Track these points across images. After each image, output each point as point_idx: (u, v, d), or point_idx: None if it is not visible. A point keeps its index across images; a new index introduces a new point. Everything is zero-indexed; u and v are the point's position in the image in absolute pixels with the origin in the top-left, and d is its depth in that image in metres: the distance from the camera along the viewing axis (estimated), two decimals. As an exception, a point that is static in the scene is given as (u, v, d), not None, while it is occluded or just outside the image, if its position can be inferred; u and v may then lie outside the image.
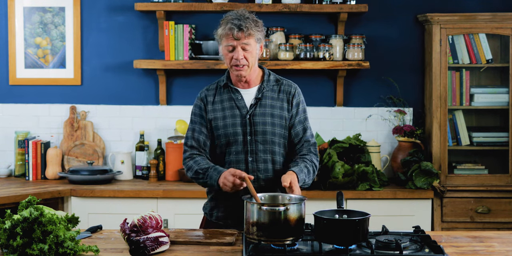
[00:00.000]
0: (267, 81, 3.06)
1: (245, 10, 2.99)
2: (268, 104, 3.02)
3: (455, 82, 4.57)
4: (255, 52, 2.96)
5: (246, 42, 2.92)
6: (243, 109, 3.01)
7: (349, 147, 4.53)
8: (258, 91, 3.03)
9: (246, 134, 2.99)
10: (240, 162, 2.99)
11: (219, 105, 3.04)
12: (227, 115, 3.02)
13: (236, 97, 3.03)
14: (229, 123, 3.00)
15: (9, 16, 4.77)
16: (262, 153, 2.99)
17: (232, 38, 2.92)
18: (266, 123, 2.99)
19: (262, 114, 3.00)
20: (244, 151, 2.99)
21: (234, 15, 2.96)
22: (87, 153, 4.78)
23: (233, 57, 2.94)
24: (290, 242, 2.53)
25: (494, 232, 2.94)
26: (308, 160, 3.00)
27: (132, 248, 2.51)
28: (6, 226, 2.44)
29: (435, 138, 4.51)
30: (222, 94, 3.06)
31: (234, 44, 2.92)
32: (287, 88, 3.08)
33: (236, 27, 2.90)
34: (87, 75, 4.84)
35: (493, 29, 4.50)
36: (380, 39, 4.82)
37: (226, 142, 3.00)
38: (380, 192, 4.31)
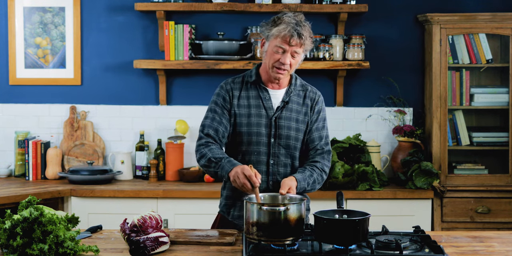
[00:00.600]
0: (294, 85, 3.03)
1: (302, 15, 2.92)
2: (294, 109, 2.99)
3: (455, 82, 4.57)
4: (299, 61, 2.93)
5: (297, 51, 2.88)
6: (270, 110, 2.97)
7: (349, 147, 4.53)
8: (286, 94, 3.00)
9: (270, 136, 2.96)
10: (261, 163, 2.96)
11: (245, 101, 2.99)
12: (253, 113, 2.97)
13: (264, 96, 2.99)
14: (254, 122, 2.96)
15: (9, 16, 4.77)
16: (283, 157, 2.98)
17: (287, 43, 2.86)
18: (291, 128, 2.97)
19: (288, 118, 2.97)
20: (267, 153, 2.96)
21: (292, 17, 2.88)
22: (87, 153, 4.78)
23: (279, 60, 2.88)
24: (290, 242, 2.53)
25: (494, 232, 2.94)
26: (318, 168, 2.98)
27: (132, 248, 2.51)
28: (6, 226, 2.44)
29: (435, 138, 4.51)
30: (249, 90, 3.00)
31: (286, 49, 2.87)
32: (312, 95, 3.04)
33: (297, 34, 2.84)
34: (87, 75, 4.84)
35: (493, 29, 4.50)
36: (380, 39, 4.82)
37: (248, 141, 2.96)
38: (380, 192, 4.31)
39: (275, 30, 2.87)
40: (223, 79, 4.76)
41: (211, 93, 4.82)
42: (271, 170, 2.96)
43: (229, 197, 3.04)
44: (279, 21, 2.88)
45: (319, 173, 2.97)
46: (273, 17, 2.94)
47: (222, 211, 3.08)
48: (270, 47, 2.91)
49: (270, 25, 2.91)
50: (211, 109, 3.00)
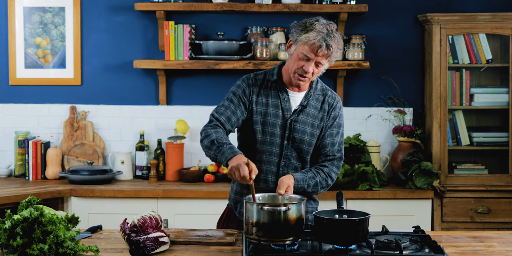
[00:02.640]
0: (315, 89, 2.99)
1: (334, 25, 2.85)
2: (311, 113, 2.96)
3: (455, 82, 4.57)
4: (322, 70, 2.90)
5: (322, 62, 2.83)
6: (287, 112, 2.95)
7: (349, 147, 4.53)
8: (305, 98, 2.96)
9: (284, 138, 2.94)
10: (272, 163, 2.95)
11: (263, 99, 2.95)
12: (270, 113, 2.94)
13: (283, 97, 2.95)
14: (270, 121, 2.93)
15: (9, 16, 4.77)
16: (295, 160, 2.96)
17: (313, 52, 2.80)
18: (306, 133, 2.94)
19: (304, 122, 2.95)
20: (279, 154, 2.94)
21: (324, 26, 2.80)
22: (87, 153, 4.78)
23: (303, 67, 2.83)
24: (290, 242, 2.53)
25: (494, 232, 2.94)
26: (324, 172, 2.95)
27: (132, 248, 2.51)
28: (6, 226, 2.44)
29: (435, 138, 4.51)
30: (269, 89, 2.96)
31: (311, 57, 2.82)
32: (331, 100, 3.00)
33: (325, 46, 2.78)
34: (87, 75, 4.84)
35: (493, 29, 4.50)
36: (380, 39, 4.82)
37: (261, 140, 2.94)
38: (380, 192, 4.31)
39: (304, 37, 2.80)
40: (223, 79, 4.81)
41: (211, 93, 4.85)
42: (281, 171, 2.95)
43: (237, 192, 3.03)
44: (310, 27, 2.80)
45: (323, 177, 2.93)
46: (305, 21, 2.85)
47: (230, 204, 3.07)
48: (296, 51, 2.85)
49: (301, 30, 2.83)
50: (228, 98, 2.94)
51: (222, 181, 4.57)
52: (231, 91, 2.96)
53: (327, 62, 2.86)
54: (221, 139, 2.79)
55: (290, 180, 2.81)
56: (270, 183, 2.95)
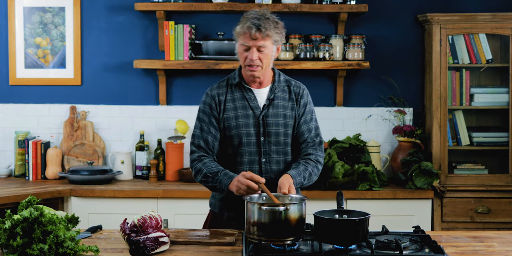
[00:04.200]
0: (278, 82, 3.03)
1: (267, 10, 2.95)
2: (280, 105, 3.00)
3: (455, 82, 4.57)
4: (271, 54, 2.92)
5: (262, 44, 2.88)
6: (256, 109, 2.99)
7: (349, 147, 4.53)
8: (270, 91, 3.01)
9: (260, 135, 2.97)
10: (253, 163, 2.97)
11: (231, 104, 3.00)
12: (240, 115, 2.98)
13: (249, 96, 3.00)
14: (242, 123, 2.97)
15: (9, 16, 4.77)
16: (275, 154, 2.98)
17: (249, 38, 2.89)
18: (279, 124, 2.98)
19: (275, 115, 2.98)
20: (258, 152, 2.97)
21: (255, 14, 2.91)
22: (87, 153, 4.78)
23: (247, 57, 2.90)
24: (291, 242, 2.53)
25: (494, 232, 2.94)
26: (312, 160, 2.99)
27: (132, 248, 2.51)
28: (6, 226, 2.44)
29: (435, 138, 4.51)
30: (234, 92, 3.02)
31: (250, 44, 2.89)
32: (296, 89, 3.05)
33: (255, 27, 2.86)
34: (87, 75, 4.84)
35: (493, 29, 4.50)
36: (380, 39, 4.82)
37: (238, 143, 2.97)
38: (380, 192, 4.31)
39: (237, 29, 2.93)
40: (223, 79, 4.80)
41: (211, 93, 4.84)
42: (263, 168, 2.98)
43: (223, 198, 3.04)
44: (241, 19, 2.94)
45: (313, 165, 2.98)
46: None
47: (213, 211, 3.11)
48: (238, 47, 2.95)
49: (235, 26, 2.96)
50: (199, 118, 3.02)
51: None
52: (200, 109, 3.04)
53: (273, 44, 2.91)
54: (212, 169, 2.90)
55: (288, 179, 2.82)
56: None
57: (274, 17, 2.93)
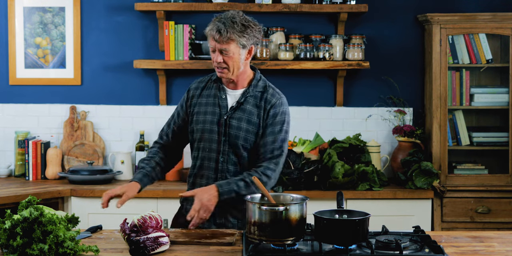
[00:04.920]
0: (254, 86, 3.04)
1: (238, 13, 2.95)
2: (247, 110, 3.00)
3: (455, 82, 4.57)
4: (237, 57, 2.93)
5: (225, 48, 2.90)
6: (224, 109, 3.02)
7: (349, 147, 4.53)
8: (242, 95, 3.02)
9: (221, 134, 3.00)
10: (211, 160, 3.02)
11: (204, 99, 3.07)
12: (208, 111, 3.03)
13: (220, 95, 3.04)
14: (208, 119, 3.02)
15: (9, 16, 4.77)
16: (232, 155, 3.00)
17: (213, 40, 2.92)
18: (241, 129, 2.98)
19: (239, 119, 2.99)
20: (217, 150, 3.01)
21: (223, 16, 2.93)
22: (87, 153, 4.78)
23: (213, 59, 2.96)
24: (291, 242, 2.53)
25: (494, 232, 2.94)
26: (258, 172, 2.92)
27: (132, 248, 2.51)
28: (6, 226, 2.44)
29: (435, 138, 4.51)
30: (211, 89, 3.08)
31: (214, 47, 2.93)
32: (270, 98, 3.02)
33: (216, 30, 2.89)
34: (87, 75, 4.84)
35: (493, 29, 4.50)
36: (380, 39, 4.82)
37: (201, 137, 3.02)
38: (380, 192, 4.31)
39: (206, 30, 2.96)
40: (223, 79, 4.80)
41: (211, 93, 4.84)
42: (220, 167, 3.00)
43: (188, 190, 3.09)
44: (212, 20, 2.96)
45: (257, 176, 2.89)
46: None
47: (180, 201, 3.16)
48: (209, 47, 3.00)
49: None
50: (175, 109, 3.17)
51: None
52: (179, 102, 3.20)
53: (240, 48, 2.92)
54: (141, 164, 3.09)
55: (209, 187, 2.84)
56: (211, 179, 3.00)
57: (245, 19, 2.92)
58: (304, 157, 4.43)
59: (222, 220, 3.02)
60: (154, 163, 3.08)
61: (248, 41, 2.92)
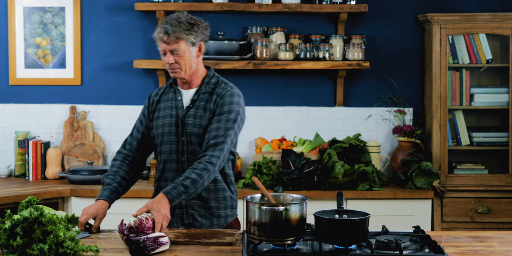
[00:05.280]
0: (207, 83, 3.07)
1: (182, 13, 3.01)
2: (201, 106, 3.03)
3: (455, 82, 4.57)
4: (188, 56, 2.98)
5: (174, 48, 2.95)
6: (180, 110, 3.05)
7: (349, 147, 4.52)
8: (196, 93, 3.06)
9: (179, 134, 3.03)
10: (172, 161, 3.04)
11: (162, 104, 3.11)
12: (166, 114, 3.07)
13: (176, 97, 3.08)
14: (167, 122, 3.05)
15: (9, 16, 4.77)
16: (193, 154, 3.01)
17: (162, 43, 2.96)
18: (195, 125, 3.01)
19: (194, 116, 3.02)
20: (177, 151, 3.03)
21: (168, 18, 2.99)
22: (87, 153, 4.78)
23: (165, 61, 3.00)
24: (291, 242, 2.53)
25: (494, 232, 2.94)
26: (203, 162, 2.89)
27: (132, 248, 2.51)
28: (6, 226, 2.44)
29: (435, 138, 4.51)
30: (167, 93, 3.13)
31: (163, 49, 2.98)
32: (220, 91, 3.05)
33: (164, 32, 2.94)
34: (87, 75, 4.84)
35: (493, 29, 4.50)
36: (380, 39, 4.82)
37: (161, 141, 3.06)
38: (380, 192, 4.31)
39: (154, 34, 3.01)
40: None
41: (211, 93, 4.84)
42: (181, 167, 3.02)
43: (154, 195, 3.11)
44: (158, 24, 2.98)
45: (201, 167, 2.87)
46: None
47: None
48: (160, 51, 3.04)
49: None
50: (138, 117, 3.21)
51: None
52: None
53: (189, 46, 2.97)
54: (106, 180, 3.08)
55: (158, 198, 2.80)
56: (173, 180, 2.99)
57: (191, 18, 2.99)
58: (304, 157, 4.43)
59: (189, 220, 3.03)
60: (120, 178, 3.08)
61: (196, 38, 2.98)
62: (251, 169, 4.40)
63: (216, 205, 3.05)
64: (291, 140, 4.76)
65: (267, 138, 4.80)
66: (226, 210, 3.08)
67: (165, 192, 2.82)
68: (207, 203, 3.03)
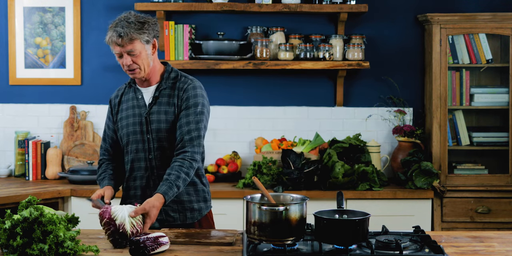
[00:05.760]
0: (167, 79, 3.08)
1: (131, 13, 2.99)
2: (164, 102, 3.03)
3: (455, 82, 4.57)
4: (145, 54, 2.98)
5: (130, 49, 2.94)
6: (142, 108, 3.05)
7: (349, 147, 4.53)
8: (156, 89, 3.06)
9: (144, 132, 3.03)
10: (140, 160, 3.04)
11: (124, 105, 3.11)
12: (129, 114, 3.07)
13: (137, 96, 3.09)
14: (130, 122, 3.05)
15: (9, 16, 4.77)
16: (160, 151, 3.02)
17: (116, 46, 2.95)
18: (161, 121, 3.01)
19: (158, 112, 3.03)
20: (144, 149, 3.03)
21: (118, 20, 2.97)
22: (87, 153, 4.78)
23: (123, 63, 2.99)
24: (291, 242, 2.53)
25: (494, 232, 2.94)
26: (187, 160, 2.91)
27: (132, 248, 2.51)
28: (6, 226, 2.44)
29: (435, 138, 4.51)
30: (127, 94, 3.13)
31: (119, 51, 2.97)
32: (182, 85, 3.05)
33: (117, 35, 2.92)
34: (87, 75, 4.84)
35: (493, 29, 4.50)
36: (380, 39, 4.82)
37: (127, 141, 3.06)
38: (380, 192, 4.31)
39: (106, 39, 2.99)
40: (223, 79, 4.81)
41: (211, 93, 4.82)
42: (149, 165, 3.02)
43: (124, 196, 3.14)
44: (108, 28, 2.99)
45: (188, 165, 2.90)
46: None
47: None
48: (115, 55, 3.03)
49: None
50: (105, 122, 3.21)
51: (222, 181, 4.57)
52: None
53: (144, 44, 2.97)
54: (100, 176, 3.10)
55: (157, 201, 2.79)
56: (143, 179, 3.03)
57: (140, 17, 2.97)
58: (304, 157, 4.43)
59: (162, 216, 3.03)
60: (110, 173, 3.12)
61: (149, 36, 2.98)
62: (251, 169, 4.40)
63: (188, 198, 3.05)
64: (291, 140, 4.76)
65: (267, 138, 4.80)
66: (199, 203, 3.07)
67: (163, 193, 2.82)
68: (179, 197, 3.02)
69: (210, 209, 3.15)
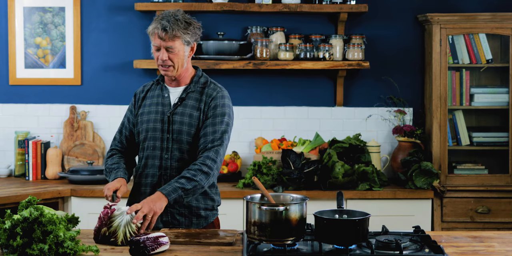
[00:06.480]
0: (196, 83, 3.08)
1: (179, 11, 3.00)
2: (189, 105, 3.04)
3: (455, 82, 4.57)
4: (182, 54, 2.98)
5: (171, 45, 2.94)
6: (167, 106, 3.06)
7: (349, 147, 4.53)
8: (184, 91, 3.07)
9: (164, 131, 3.03)
10: (155, 158, 3.04)
11: (148, 101, 3.11)
12: (152, 110, 3.07)
13: (163, 94, 3.08)
14: (152, 118, 3.05)
15: (9, 16, 4.77)
16: (177, 152, 3.01)
17: (157, 38, 2.94)
18: (184, 123, 3.01)
19: (182, 113, 3.02)
20: (161, 147, 3.03)
21: (165, 14, 2.97)
22: (87, 153, 4.78)
23: (159, 57, 2.98)
24: (291, 242, 2.53)
25: (494, 232, 2.94)
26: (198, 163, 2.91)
27: (132, 248, 2.51)
28: (6, 226, 2.44)
29: (435, 138, 4.51)
30: (154, 90, 3.12)
31: (159, 45, 2.96)
32: (211, 92, 3.06)
33: (161, 28, 2.92)
34: (87, 75, 4.84)
35: (493, 29, 4.50)
36: (380, 39, 4.82)
37: (145, 137, 3.06)
38: (380, 192, 4.31)
39: (149, 29, 2.98)
40: (223, 79, 4.81)
41: (211, 93, 4.84)
42: (164, 164, 3.02)
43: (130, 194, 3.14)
44: (154, 19, 2.98)
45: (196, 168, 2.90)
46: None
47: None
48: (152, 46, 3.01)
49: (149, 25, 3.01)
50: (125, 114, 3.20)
51: (222, 181, 4.57)
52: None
53: (184, 45, 2.97)
54: (112, 165, 3.08)
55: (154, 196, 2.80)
56: (155, 177, 3.03)
57: (187, 17, 2.98)
58: (304, 157, 4.43)
59: (168, 218, 3.02)
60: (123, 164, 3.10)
61: (191, 38, 2.99)
62: (251, 169, 4.40)
63: (197, 204, 3.04)
64: (291, 140, 4.76)
65: (267, 138, 4.80)
66: (206, 211, 3.07)
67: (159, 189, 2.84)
68: (188, 202, 3.01)
69: (217, 216, 3.15)
